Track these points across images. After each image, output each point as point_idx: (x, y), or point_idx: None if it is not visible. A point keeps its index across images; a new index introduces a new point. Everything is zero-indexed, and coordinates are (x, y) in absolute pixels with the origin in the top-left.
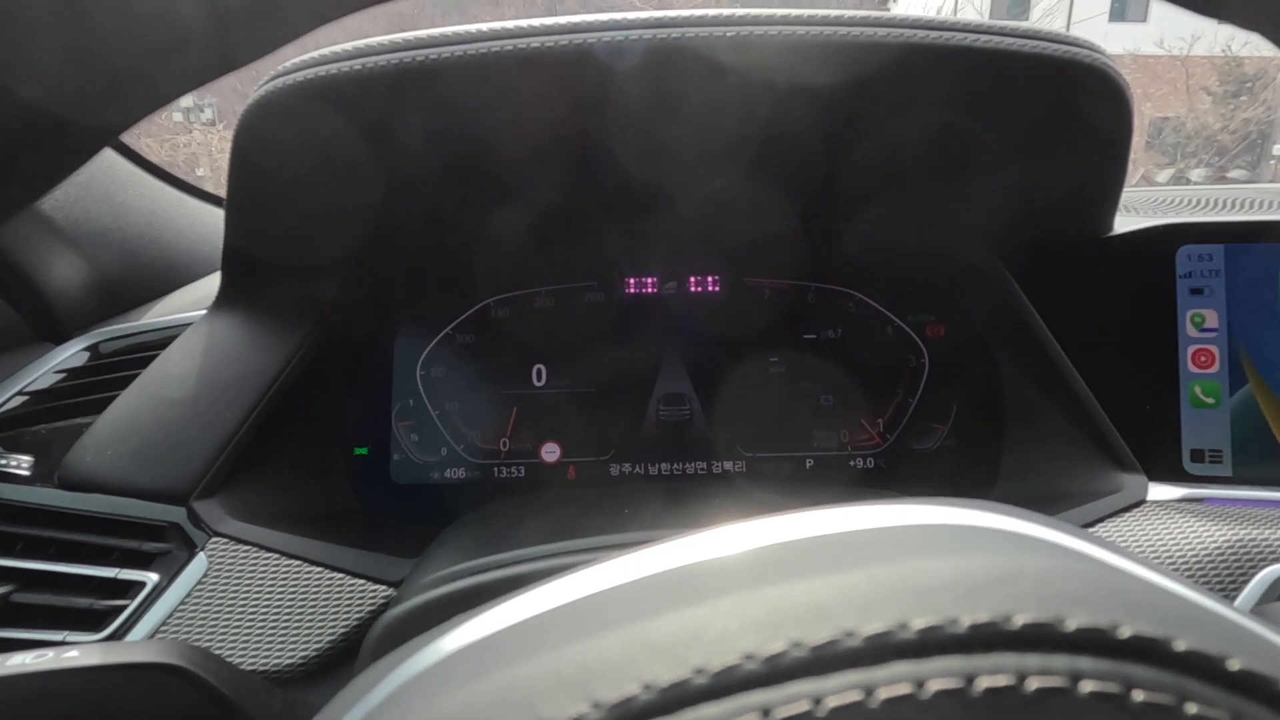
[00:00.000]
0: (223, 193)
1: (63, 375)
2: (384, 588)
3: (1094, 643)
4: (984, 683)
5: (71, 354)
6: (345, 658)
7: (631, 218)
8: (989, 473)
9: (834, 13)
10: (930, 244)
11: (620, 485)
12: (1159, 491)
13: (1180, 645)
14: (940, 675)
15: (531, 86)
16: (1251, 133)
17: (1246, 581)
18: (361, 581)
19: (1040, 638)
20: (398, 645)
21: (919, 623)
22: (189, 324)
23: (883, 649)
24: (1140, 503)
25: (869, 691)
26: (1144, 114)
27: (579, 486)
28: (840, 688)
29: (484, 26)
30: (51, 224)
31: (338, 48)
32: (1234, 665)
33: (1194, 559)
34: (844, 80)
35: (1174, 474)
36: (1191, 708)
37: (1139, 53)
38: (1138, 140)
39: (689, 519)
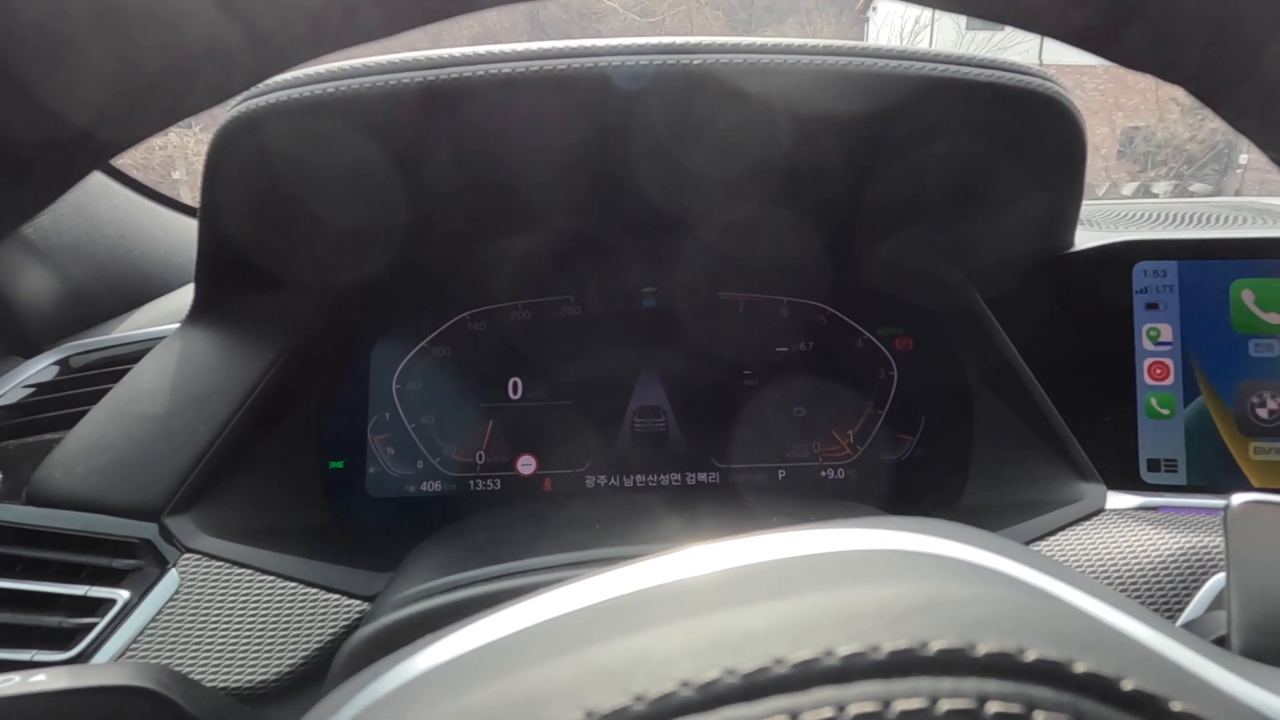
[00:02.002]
0: (197, 201)
1: (31, 390)
2: (358, 602)
3: (1001, 666)
4: (900, 705)
5: (41, 368)
6: (319, 674)
7: (652, 243)
8: (956, 483)
9: (811, 42)
10: (908, 263)
11: (596, 497)
12: (1117, 500)
13: (1079, 667)
14: (860, 699)
15: (555, 111)
16: (1219, 143)
17: (1198, 588)
18: (336, 596)
19: (953, 662)
20: (366, 665)
21: (843, 650)
22: (161, 338)
23: (809, 675)
24: (1099, 511)
25: (794, 716)
26: (1116, 123)
27: (555, 499)
28: (768, 713)
29: (485, 50)
30: (21, 236)
31: (319, 69)
32: (1127, 685)
33: (1149, 567)
34: (812, 106)
35: (1131, 483)
36: None
37: (1110, 63)
38: (1110, 149)
39: (662, 533)
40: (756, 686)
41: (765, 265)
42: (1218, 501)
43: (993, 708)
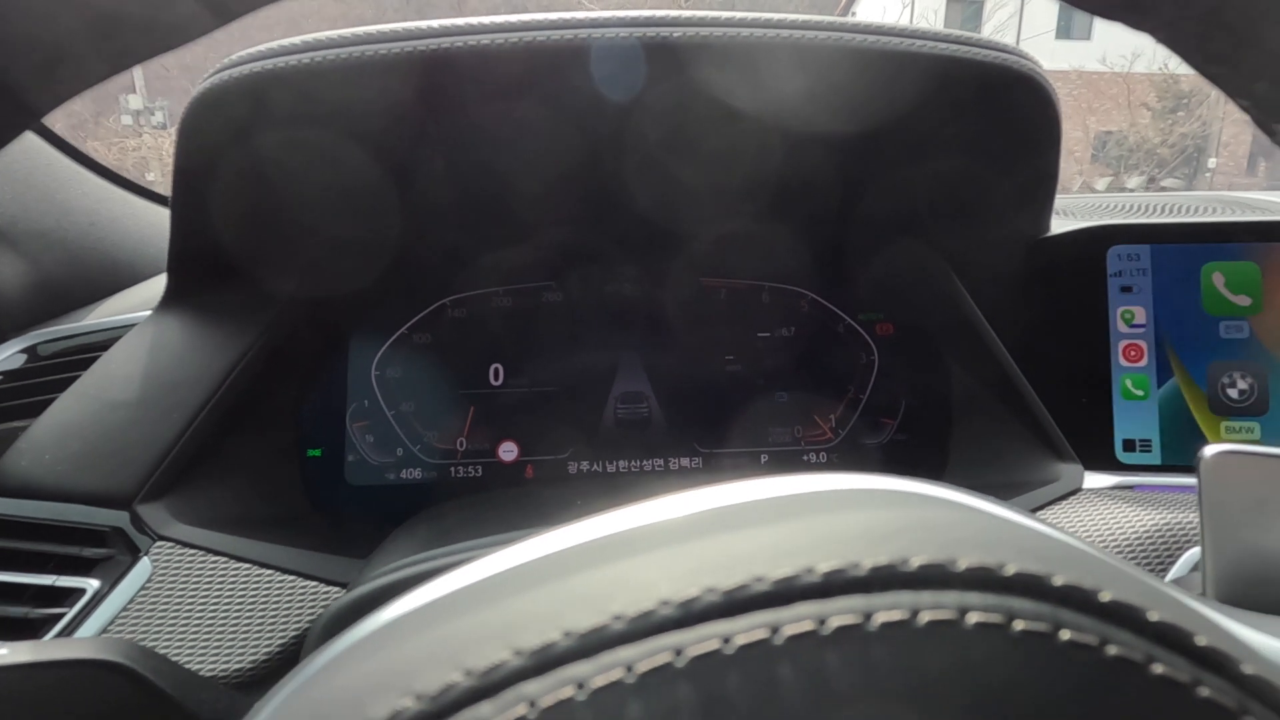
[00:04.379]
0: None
1: None
2: (336, 589)
3: (981, 580)
4: (881, 618)
5: (8, 356)
6: (296, 660)
7: (641, 251)
8: (936, 465)
9: (790, 17)
10: (889, 251)
11: (578, 483)
12: (1094, 480)
13: (1058, 580)
14: (841, 613)
15: (547, 119)
16: (1188, 146)
17: (1173, 562)
18: (313, 584)
19: (933, 577)
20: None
21: (824, 566)
22: (133, 325)
23: (790, 591)
24: (1076, 491)
25: (775, 630)
26: (1089, 127)
27: (537, 485)
28: (748, 627)
29: (429, 24)
30: None
31: (283, 42)
32: (1105, 597)
33: (1125, 543)
34: (799, 82)
35: (1107, 463)
36: (1065, 634)
37: (1083, 69)
38: (1084, 153)
39: None
40: (738, 603)
41: (745, 251)
42: (1191, 480)
43: (973, 618)
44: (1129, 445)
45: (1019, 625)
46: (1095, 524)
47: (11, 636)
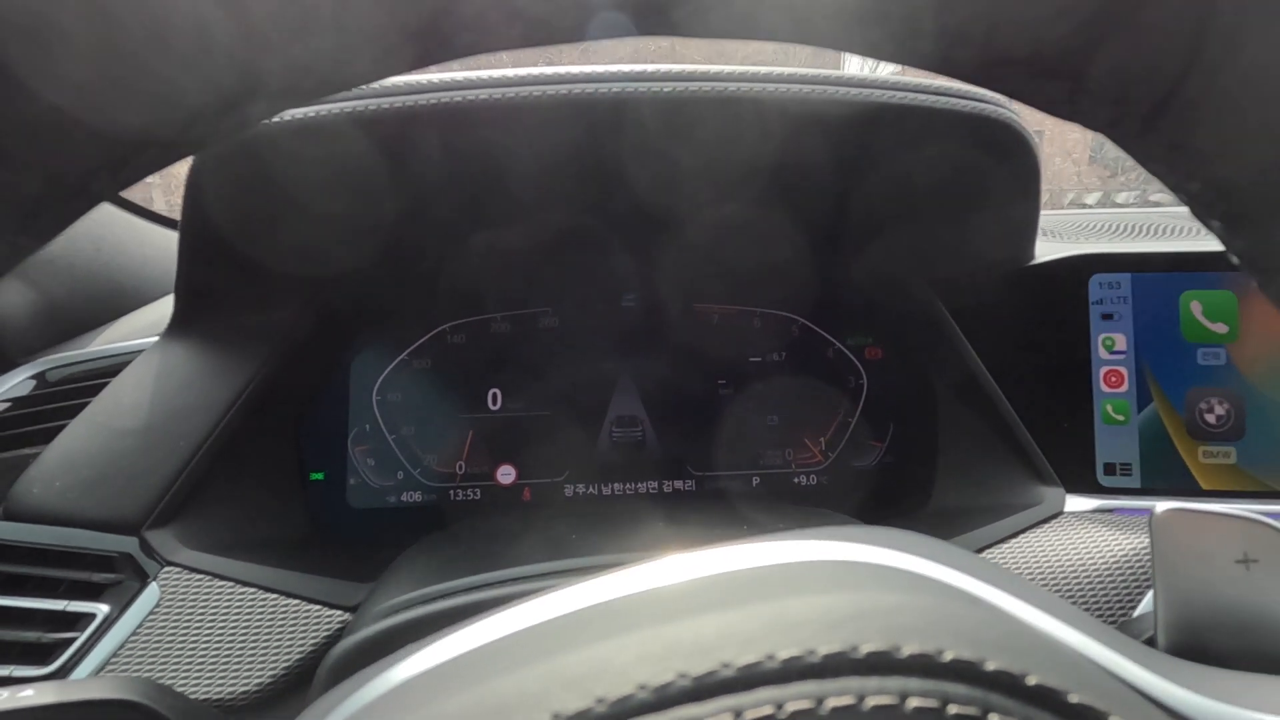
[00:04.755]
0: (174, 209)
1: (8, 404)
2: (340, 613)
3: (922, 666)
4: (831, 703)
5: (17, 382)
6: (300, 685)
7: (637, 241)
8: (923, 488)
9: (780, 70)
10: (879, 276)
11: (574, 506)
12: (1075, 503)
13: (990, 665)
14: (796, 698)
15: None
16: None
17: (1149, 586)
18: (317, 607)
19: (880, 663)
20: (349, 675)
21: (783, 654)
22: (140, 351)
23: (752, 677)
24: (1058, 514)
25: (738, 714)
26: (1087, 130)
27: (534, 508)
28: (715, 711)
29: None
30: None
31: None
32: (1031, 680)
33: (1104, 567)
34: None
35: (1089, 486)
36: (994, 718)
37: None
38: (1081, 154)
39: (637, 541)
40: (706, 688)
41: (743, 273)
42: (1170, 504)
43: (913, 703)
44: (1110, 469)
45: (952, 709)
46: (1076, 548)
47: (24, 661)
